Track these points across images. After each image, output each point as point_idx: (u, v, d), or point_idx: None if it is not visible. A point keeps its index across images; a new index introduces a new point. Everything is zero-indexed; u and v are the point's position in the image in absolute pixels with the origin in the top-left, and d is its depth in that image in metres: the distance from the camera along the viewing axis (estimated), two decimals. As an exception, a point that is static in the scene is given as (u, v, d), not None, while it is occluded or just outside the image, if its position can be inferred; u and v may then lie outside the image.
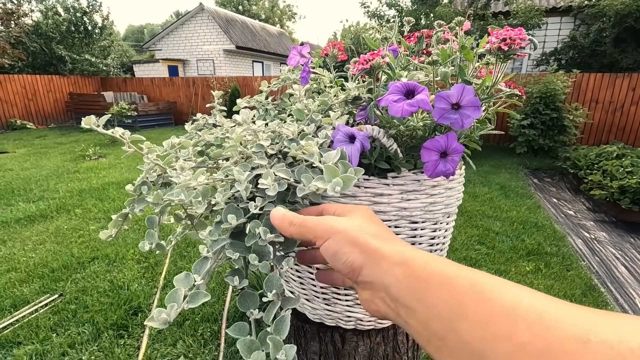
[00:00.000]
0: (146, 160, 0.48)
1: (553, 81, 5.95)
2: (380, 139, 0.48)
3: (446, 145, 0.44)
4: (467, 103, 0.43)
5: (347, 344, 0.63)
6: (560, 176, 5.46)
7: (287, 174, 0.41)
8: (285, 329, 0.33)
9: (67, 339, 1.91)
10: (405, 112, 0.39)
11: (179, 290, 0.33)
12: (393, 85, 0.42)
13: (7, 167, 5.47)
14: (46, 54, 11.17)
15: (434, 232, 0.55)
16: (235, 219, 0.37)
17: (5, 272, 2.54)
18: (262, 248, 0.38)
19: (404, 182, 0.50)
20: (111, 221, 0.51)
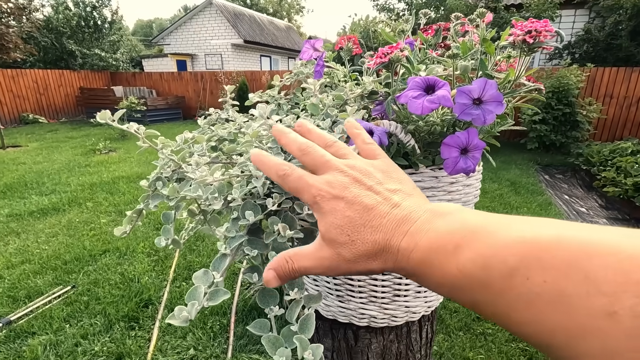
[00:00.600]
0: (161, 156, 0.48)
1: (566, 75, 5.83)
2: (398, 135, 0.47)
3: (467, 141, 0.43)
4: (490, 98, 0.42)
5: (360, 341, 0.63)
6: (572, 173, 5.37)
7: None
8: (311, 327, 0.33)
9: (80, 330, 1.94)
10: (426, 109, 0.38)
11: (199, 288, 0.33)
12: (412, 80, 0.41)
13: (20, 160, 5.57)
14: (57, 48, 11.29)
15: (450, 230, 0.54)
16: (252, 215, 0.37)
17: (20, 264, 2.60)
18: (281, 245, 0.37)
19: (422, 178, 0.49)
20: (125, 217, 0.51)
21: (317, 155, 0.31)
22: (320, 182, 0.29)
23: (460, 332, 2.04)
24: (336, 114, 0.51)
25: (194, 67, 16.31)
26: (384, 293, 0.56)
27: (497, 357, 1.85)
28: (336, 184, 0.29)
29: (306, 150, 0.32)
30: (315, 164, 0.31)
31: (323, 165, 0.31)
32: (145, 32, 48.14)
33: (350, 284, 0.56)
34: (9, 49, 6.89)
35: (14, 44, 6.88)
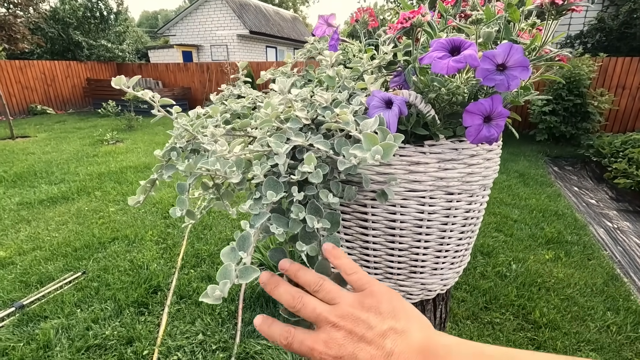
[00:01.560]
0: (176, 125, 0.47)
1: (578, 65, 5.71)
2: (418, 105, 0.45)
3: (491, 108, 0.41)
4: (515, 63, 0.40)
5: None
6: (583, 164, 5.29)
7: (325, 145, 0.39)
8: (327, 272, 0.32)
9: (91, 315, 1.97)
10: (451, 69, 0.37)
11: (230, 266, 0.32)
12: (437, 42, 0.39)
13: (30, 150, 5.63)
14: (64, 39, 11.32)
15: (469, 205, 0.52)
16: (275, 194, 0.36)
17: (31, 250, 2.63)
18: (309, 233, 0.37)
19: (442, 150, 0.47)
20: (139, 187, 0.50)
21: (309, 311, 0.34)
22: (319, 344, 0.32)
23: (467, 321, 2.04)
24: (353, 86, 0.50)
25: (199, 58, 16.27)
26: (400, 269, 0.55)
27: (505, 345, 1.84)
28: (332, 343, 0.32)
29: (296, 307, 0.34)
30: (310, 319, 0.34)
31: (316, 320, 0.33)
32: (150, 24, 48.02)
33: (365, 259, 0.55)
34: (17, 40, 6.92)
35: (21, 35, 6.90)
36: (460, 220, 0.53)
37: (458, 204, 0.51)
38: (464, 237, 0.56)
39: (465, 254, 0.59)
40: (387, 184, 0.46)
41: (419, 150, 0.47)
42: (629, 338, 1.91)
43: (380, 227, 0.51)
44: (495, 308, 2.14)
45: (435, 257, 0.55)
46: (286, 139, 0.41)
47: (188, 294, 2.18)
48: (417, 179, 0.47)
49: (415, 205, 0.49)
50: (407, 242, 0.52)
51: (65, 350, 1.74)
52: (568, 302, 2.18)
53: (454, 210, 0.51)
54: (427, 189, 0.48)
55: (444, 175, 0.48)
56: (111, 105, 7.60)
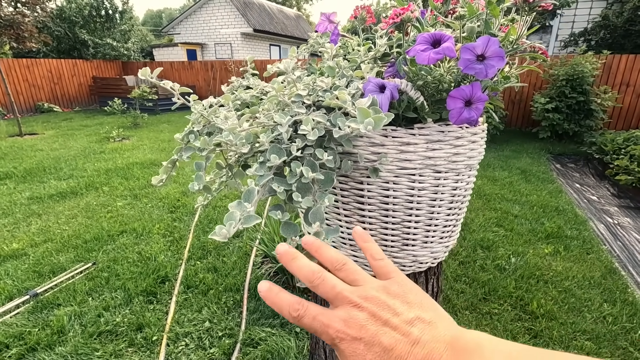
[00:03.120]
0: (193, 111, 0.53)
1: (581, 63, 5.71)
2: (408, 92, 0.51)
3: (471, 93, 0.47)
4: (492, 54, 0.46)
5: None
6: (585, 161, 5.31)
7: (324, 118, 0.45)
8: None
9: (102, 303, 2.05)
10: (432, 60, 0.43)
11: (235, 213, 0.38)
12: (421, 36, 0.45)
13: (38, 147, 5.73)
14: (70, 38, 11.44)
15: (456, 184, 0.58)
16: (277, 158, 0.42)
17: (43, 243, 2.72)
18: (304, 185, 0.43)
19: (430, 132, 0.53)
20: (162, 167, 0.56)
21: (328, 288, 0.31)
22: (336, 322, 0.29)
23: (466, 311, 2.09)
24: (351, 75, 0.55)
25: (204, 56, 16.36)
26: (393, 242, 0.61)
27: (503, 335, 1.90)
28: (352, 322, 0.28)
29: (315, 282, 0.31)
30: (327, 297, 0.31)
31: (335, 298, 0.30)
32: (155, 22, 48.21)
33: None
34: (24, 38, 7.03)
35: (29, 33, 7.01)
36: (447, 197, 0.59)
37: (445, 181, 0.57)
38: (452, 213, 0.62)
39: (453, 229, 0.65)
40: (379, 161, 0.51)
41: (409, 132, 0.53)
42: (624, 328, 1.95)
43: (375, 203, 0.57)
44: (493, 299, 2.19)
45: (425, 231, 0.60)
46: (289, 115, 0.47)
47: (195, 284, 2.25)
48: (408, 158, 0.53)
49: (406, 182, 0.55)
50: (399, 217, 0.58)
51: (78, 335, 1.82)
52: (565, 294, 2.23)
53: (442, 187, 0.57)
54: (416, 167, 0.54)
55: (432, 155, 0.53)
56: (117, 103, 7.70)
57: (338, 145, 0.49)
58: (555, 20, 8.38)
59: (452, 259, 2.61)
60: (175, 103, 0.57)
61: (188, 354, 1.74)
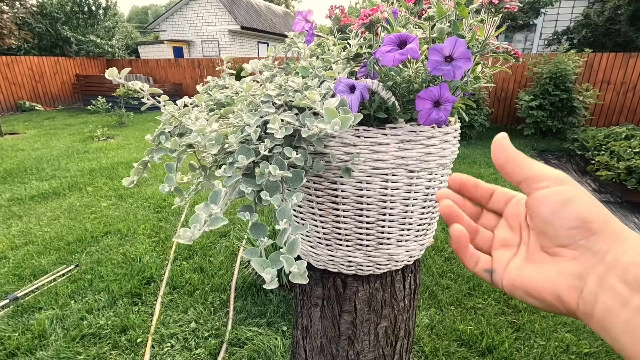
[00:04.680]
0: (164, 111, 0.53)
1: (564, 61, 5.83)
2: (380, 92, 0.51)
3: (439, 94, 0.47)
4: (459, 55, 0.46)
5: (348, 288, 0.69)
6: (568, 158, 5.43)
7: (292, 118, 0.45)
8: (296, 249, 0.38)
9: (85, 305, 2.01)
10: (396, 61, 0.43)
11: (200, 215, 0.38)
12: (387, 37, 0.45)
13: (19, 147, 5.58)
14: (52, 35, 11.15)
15: (429, 183, 0.59)
16: (245, 159, 0.42)
17: (24, 245, 2.66)
18: (272, 183, 0.42)
19: (401, 132, 0.54)
20: (132, 169, 0.55)
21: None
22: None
23: (451, 307, 2.12)
24: (323, 75, 0.56)
25: (190, 53, 16.14)
26: (368, 241, 0.61)
27: (486, 328, 1.93)
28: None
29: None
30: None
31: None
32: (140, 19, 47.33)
33: (337, 232, 0.61)
34: (3, 35, 6.82)
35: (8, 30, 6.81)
36: (421, 196, 0.59)
37: (418, 181, 0.57)
38: (426, 212, 0.62)
39: (429, 228, 0.66)
40: (351, 161, 0.52)
41: (381, 132, 0.53)
42: (603, 320, 2.01)
43: (349, 202, 0.58)
44: (478, 294, 2.23)
45: (400, 230, 0.61)
46: (259, 115, 0.47)
47: (181, 284, 2.23)
48: (380, 157, 0.53)
49: (379, 182, 0.55)
50: (373, 216, 0.59)
51: (60, 339, 1.78)
52: (547, 288, 2.28)
53: (415, 187, 0.58)
54: (389, 167, 0.54)
55: (404, 154, 0.54)
56: (101, 101, 7.54)
57: (309, 145, 0.49)
58: (539, 19, 8.52)
59: (438, 255, 2.64)
60: (159, 93, 0.56)
61: (173, 356, 1.72)
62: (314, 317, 0.72)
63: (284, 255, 0.37)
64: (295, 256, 0.38)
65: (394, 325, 0.73)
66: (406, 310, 0.75)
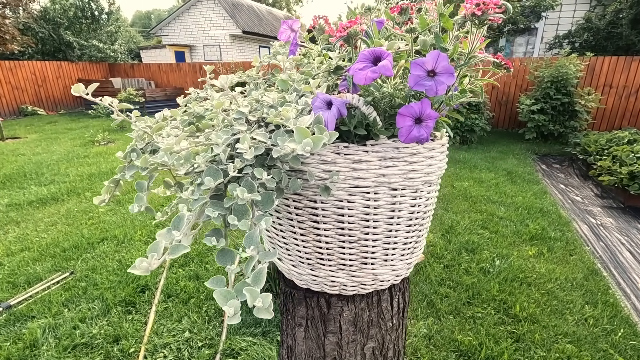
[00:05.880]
0: (134, 128, 0.51)
1: (565, 65, 5.80)
2: (360, 107, 0.49)
3: (420, 111, 0.45)
4: (442, 70, 0.44)
5: (332, 308, 0.66)
6: (570, 162, 5.38)
7: (264, 137, 0.42)
8: (261, 279, 0.36)
9: (78, 314, 1.99)
10: (368, 79, 0.41)
11: (160, 243, 0.36)
12: (361, 53, 0.43)
13: (20, 152, 5.60)
14: (55, 40, 11.23)
15: (414, 200, 0.56)
16: (212, 181, 0.40)
17: (19, 251, 2.64)
18: (240, 207, 0.40)
19: (383, 149, 0.51)
20: (103, 187, 0.53)
21: None
22: None
23: (450, 316, 2.09)
24: (302, 89, 0.53)
25: (192, 58, 16.21)
26: (351, 261, 0.59)
27: (485, 339, 1.89)
28: None
29: None
30: None
31: None
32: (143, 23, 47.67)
33: (319, 252, 0.59)
34: (5, 40, 6.86)
35: (10, 35, 6.85)
36: (406, 215, 0.57)
37: (402, 199, 0.55)
38: (412, 230, 0.60)
39: (416, 246, 0.63)
40: (330, 179, 0.49)
41: (362, 149, 0.51)
42: (605, 330, 1.97)
43: (330, 222, 0.55)
44: (477, 303, 2.19)
45: (384, 249, 0.58)
46: (231, 133, 0.44)
47: (176, 292, 2.20)
48: (361, 175, 0.51)
49: (361, 201, 0.53)
50: (356, 235, 0.56)
51: (52, 349, 1.76)
52: (548, 297, 2.24)
53: (399, 205, 0.55)
54: (370, 185, 0.52)
55: (386, 172, 0.51)
56: (102, 106, 7.55)
57: (284, 164, 0.47)
58: (541, 23, 8.50)
59: (437, 262, 2.61)
60: (165, 104, 0.54)
61: (166, 366, 1.70)
62: (298, 337, 0.70)
63: (248, 288, 0.34)
64: (261, 287, 0.35)
65: (382, 346, 0.71)
66: (395, 329, 0.72)
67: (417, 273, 2.48)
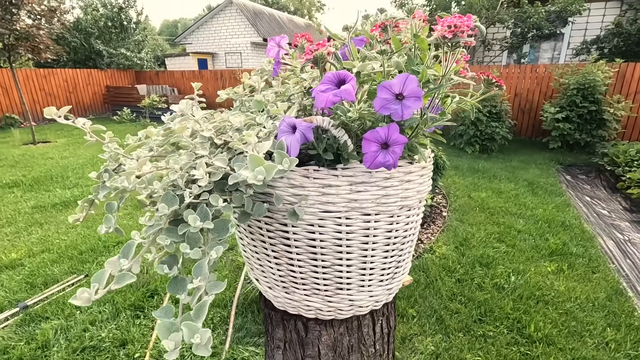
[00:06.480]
0: (106, 149, 0.51)
1: (593, 71, 5.57)
2: (331, 130, 0.47)
3: (387, 136, 0.43)
4: (410, 93, 0.42)
5: (310, 332, 0.64)
6: (597, 173, 5.13)
7: (224, 162, 0.42)
8: (203, 313, 0.35)
9: (89, 317, 2.05)
10: (329, 103, 0.39)
11: (106, 272, 0.35)
12: (326, 75, 0.42)
13: (49, 155, 5.87)
14: (86, 48, 11.80)
15: (390, 225, 0.54)
16: (166, 207, 0.39)
17: (40, 253, 2.75)
18: (193, 235, 0.39)
19: (354, 173, 0.49)
20: (78, 206, 0.54)
21: None
22: None
23: (459, 333, 2.01)
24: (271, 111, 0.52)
25: (214, 65, 16.62)
26: (326, 285, 0.57)
27: (496, 359, 1.81)
28: None
29: None
30: None
31: None
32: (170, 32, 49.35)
33: (292, 275, 0.57)
34: (40, 50, 7.26)
35: (45, 45, 7.24)
36: (382, 240, 0.55)
37: (377, 224, 0.53)
38: (390, 256, 0.57)
39: (396, 271, 0.61)
40: (298, 204, 0.48)
41: (332, 173, 0.49)
42: (629, 356, 1.84)
43: (302, 245, 0.54)
44: (489, 321, 2.10)
45: (360, 275, 0.56)
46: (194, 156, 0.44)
47: (183, 298, 2.23)
48: (330, 200, 0.49)
49: (332, 225, 0.51)
50: (329, 260, 0.54)
51: (62, 350, 1.81)
52: (566, 317, 2.12)
53: (374, 230, 0.53)
54: (341, 210, 0.50)
55: (357, 197, 0.50)
56: (126, 112, 7.86)
57: (249, 188, 0.46)
58: (567, 28, 8.21)
59: (449, 276, 2.53)
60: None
61: (168, 373, 1.71)
62: None
63: (186, 323, 0.33)
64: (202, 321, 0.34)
65: (364, 372, 0.68)
66: (378, 355, 0.69)
67: (427, 287, 2.41)
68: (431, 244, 2.97)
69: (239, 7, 15.60)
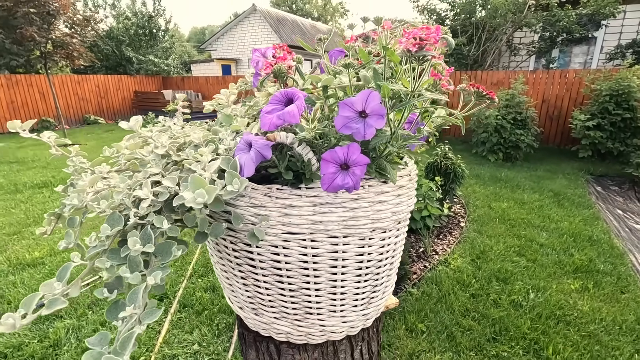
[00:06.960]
0: (70, 163, 0.51)
1: (627, 77, 5.26)
2: (295, 148, 0.45)
3: (345, 157, 0.40)
4: (372, 111, 0.39)
5: (282, 356, 0.61)
6: (631, 185, 4.82)
7: (173, 182, 0.40)
8: (127, 347, 0.33)
9: (100, 317, 2.09)
10: (272, 126, 0.37)
11: (34, 297, 0.34)
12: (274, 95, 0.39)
13: (77, 157, 6.15)
14: (117, 55, 12.35)
15: (361, 249, 0.51)
16: (109, 228, 0.38)
17: (61, 252, 2.86)
18: (134, 258, 0.38)
19: (317, 193, 0.46)
20: (44, 219, 0.54)
21: None
22: None
23: (471, 352, 1.91)
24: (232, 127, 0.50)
25: (237, 71, 16.98)
26: (295, 309, 0.54)
27: (509, 383, 1.71)
28: None
29: None
30: None
31: None
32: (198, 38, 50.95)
33: (260, 297, 0.55)
34: (74, 57, 7.66)
35: (78, 52, 7.63)
36: (353, 264, 0.51)
37: (346, 247, 0.49)
38: (364, 280, 0.54)
39: (372, 296, 0.57)
40: (258, 225, 0.45)
41: (295, 192, 0.46)
42: (658, 387, 1.69)
43: (267, 267, 0.51)
44: (504, 340, 1.99)
45: (330, 300, 0.53)
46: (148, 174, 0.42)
47: (191, 303, 2.25)
48: (293, 221, 0.47)
49: (297, 247, 0.48)
50: (296, 283, 0.51)
51: (72, 349, 1.86)
52: (589, 340, 1.98)
53: (343, 253, 0.50)
54: (305, 232, 0.47)
55: (322, 218, 0.47)
56: (151, 116, 8.13)
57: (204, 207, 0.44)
58: (600, 32, 7.82)
59: (463, 290, 2.42)
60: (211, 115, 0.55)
61: (171, 378, 1.72)
62: (250, 381, 0.65)
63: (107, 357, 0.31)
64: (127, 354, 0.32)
65: (342, 400, 0.64)
66: (358, 382, 0.65)
67: (439, 301, 2.31)
68: (446, 255, 2.86)
69: (262, 14, 15.91)
